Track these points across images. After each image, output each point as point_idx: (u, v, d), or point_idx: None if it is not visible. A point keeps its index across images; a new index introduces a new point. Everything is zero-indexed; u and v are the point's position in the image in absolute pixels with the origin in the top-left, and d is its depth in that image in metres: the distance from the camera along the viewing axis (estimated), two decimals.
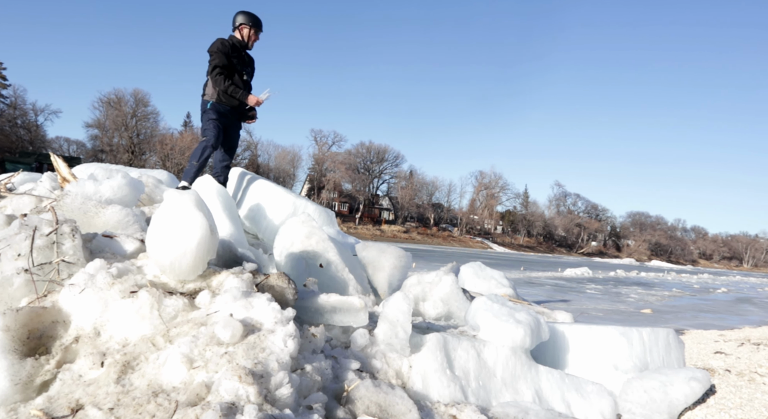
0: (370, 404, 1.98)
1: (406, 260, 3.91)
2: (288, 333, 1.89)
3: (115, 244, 2.51)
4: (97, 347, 1.88)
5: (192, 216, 2.07)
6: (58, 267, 2.21)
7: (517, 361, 2.61)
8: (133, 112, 59.11)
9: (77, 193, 2.98)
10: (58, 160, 4.01)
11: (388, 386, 2.08)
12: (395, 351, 2.38)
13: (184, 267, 2.11)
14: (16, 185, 4.47)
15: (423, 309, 3.59)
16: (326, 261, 3.27)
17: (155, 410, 1.56)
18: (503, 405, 2.39)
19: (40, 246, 2.24)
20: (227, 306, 2.00)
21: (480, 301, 2.85)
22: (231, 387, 1.60)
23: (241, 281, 2.17)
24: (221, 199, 3.93)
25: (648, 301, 10.45)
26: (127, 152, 57.54)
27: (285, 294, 2.28)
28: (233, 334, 1.82)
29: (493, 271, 5.86)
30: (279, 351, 1.82)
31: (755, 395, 2.98)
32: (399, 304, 2.38)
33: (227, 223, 3.75)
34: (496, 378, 2.53)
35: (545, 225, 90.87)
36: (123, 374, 1.75)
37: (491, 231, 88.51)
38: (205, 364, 1.74)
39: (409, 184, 78.00)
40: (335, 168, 71.61)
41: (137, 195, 3.40)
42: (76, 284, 2.05)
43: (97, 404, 1.62)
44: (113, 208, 2.87)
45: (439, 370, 2.36)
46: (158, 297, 1.99)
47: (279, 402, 1.68)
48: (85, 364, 1.82)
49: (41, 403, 1.68)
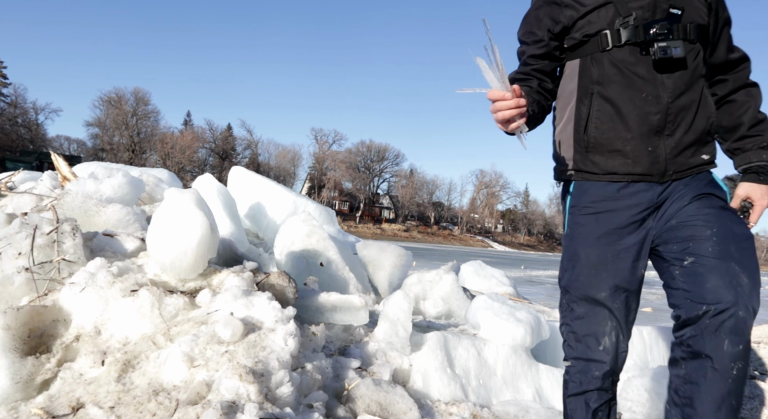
0: (370, 402, 1.98)
1: (406, 259, 3.91)
2: (288, 331, 1.89)
3: (116, 243, 2.51)
4: (97, 346, 1.88)
5: (192, 215, 2.07)
6: (58, 266, 2.22)
7: (517, 360, 2.61)
8: (134, 110, 59.15)
9: (78, 191, 2.98)
10: (59, 158, 4.02)
11: (389, 384, 2.09)
12: (396, 349, 2.38)
13: (185, 265, 2.11)
14: (17, 184, 4.47)
15: (423, 308, 3.59)
16: (327, 260, 3.28)
17: (156, 408, 1.56)
18: (504, 404, 2.39)
19: (41, 245, 2.24)
20: (228, 304, 2.00)
21: (480, 300, 2.85)
22: (231, 385, 1.60)
23: (242, 280, 2.18)
24: (222, 197, 3.93)
25: (648, 300, 10.45)
26: (128, 151, 57.57)
27: (285, 292, 2.28)
28: (234, 333, 1.82)
29: (494, 270, 5.86)
30: (279, 350, 1.82)
31: (755, 393, 2.98)
32: (399, 303, 2.38)
33: (228, 222, 3.75)
34: (496, 377, 2.53)
35: (546, 224, 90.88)
36: (124, 372, 1.75)
37: (492, 229, 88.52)
38: (205, 363, 1.75)
39: (409, 182, 78.02)
40: (336, 166, 71.63)
41: (138, 194, 3.40)
42: (76, 283, 2.05)
43: (98, 402, 1.62)
44: (114, 207, 2.87)
45: (439, 369, 2.36)
46: (159, 296, 2.00)
47: (280, 401, 1.68)
48: (86, 363, 1.82)
49: (42, 402, 1.69)
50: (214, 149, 66.20)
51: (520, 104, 1.30)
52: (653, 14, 1.42)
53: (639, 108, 1.43)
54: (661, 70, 1.41)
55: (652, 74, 1.41)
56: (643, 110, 1.42)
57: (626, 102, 1.44)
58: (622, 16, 1.43)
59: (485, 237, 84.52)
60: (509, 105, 1.30)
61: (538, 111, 1.56)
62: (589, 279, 1.51)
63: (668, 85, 1.41)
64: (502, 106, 1.30)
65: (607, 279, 1.49)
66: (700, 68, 1.45)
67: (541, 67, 1.60)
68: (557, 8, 1.54)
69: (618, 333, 1.52)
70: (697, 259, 1.38)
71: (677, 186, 1.47)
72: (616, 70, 1.44)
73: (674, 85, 1.41)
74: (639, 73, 1.42)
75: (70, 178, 3.85)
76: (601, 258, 1.49)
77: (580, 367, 1.56)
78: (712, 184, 1.48)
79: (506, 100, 1.29)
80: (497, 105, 1.31)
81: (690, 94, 1.43)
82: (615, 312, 1.50)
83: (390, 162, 78.20)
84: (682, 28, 1.40)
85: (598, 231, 1.50)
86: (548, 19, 1.55)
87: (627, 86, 1.43)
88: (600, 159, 1.50)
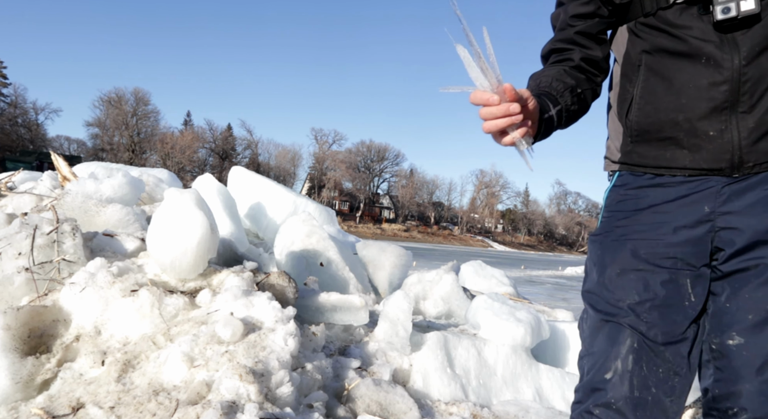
0: (370, 402, 1.98)
1: (406, 259, 3.91)
2: (288, 331, 1.89)
3: (116, 243, 2.51)
4: (97, 346, 1.88)
5: (192, 215, 2.07)
6: (58, 266, 2.22)
7: (517, 360, 2.61)
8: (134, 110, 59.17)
9: (78, 191, 2.98)
10: (59, 158, 4.01)
11: (389, 384, 2.09)
12: (396, 349, 2.38)
13: (185, 265, 2.11)
14: (17, 184, 4.47)
15: (423, 308, 3.59)
16: (327, 260, 3.28)
17: (156, 408, 1.56)
18: (504, 404, 2.39)
19: (41, 245, 2.24)
20: (228, 304, 2.01)
21: (480, 300, 2.85)
22: (231, 385, 1.60)
23: (242, 280, 2.18)
24: (222, 197, 3.93)
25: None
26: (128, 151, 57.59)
27: (285, 292, 2.28)
28: (234, 333, 1.82)
29: (494, 270, 5.85)
30: (279, 350, 1.82)
31: None
32: (399, 303, 2.38)
33: (228, 222, 3.75)
34: (496, 377, 2.53)
35: (546, 224, 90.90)
36: (124, 373, 1.75)
37: (492, 229, 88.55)
38: (205, 363, 1.75)
39: (409, 182, 78.05)
40: (336, 166, 71.64)
41: (138, 194, 3.40)
42: (76, 283, 2.05)
43: (98, 403, 1.62)
44: (114, 207, 2.87)
45: (439, 369, 2.36)
46: (159, 296, 2.00)
47: (280, 401, 1.68)
48: (86, 363, 1.82)
49: (42, 402, 1.69)
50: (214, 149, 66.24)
51: (510, 112, 0.93)
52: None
53: (695, 77, 1.05)
54: (726, 31, 1.03)
55: (714, 34, 1.03)
56: (701, 80, 1.04)
57: (679, 72, 1.07)
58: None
59: (485, 237, 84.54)
60: (494, 113, 0.94)
61: (571, 103, 1.18)
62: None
63: (741, 43, 1.01)
64: (486, 114, 0.95)
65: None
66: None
67: (586, 29, 1.21)
68: None
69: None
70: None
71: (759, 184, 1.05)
72: (667, 34, 1.08)
73: (751, 43, 1.01)
74: (695, 35, 1.05)
75: (70, 178, 3.85)
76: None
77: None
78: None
79: (492, 106, 0.94)
80: (482, 112, 0.96)
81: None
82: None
83: (390, 162, 78.30)
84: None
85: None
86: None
87: (681, 52, 1.07)
88: (647, 150, 1.14)
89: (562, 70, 1.21)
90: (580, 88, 1.21)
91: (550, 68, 1.24)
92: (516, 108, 0.93)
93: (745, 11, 0.98)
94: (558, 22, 1.27)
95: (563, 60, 1.24)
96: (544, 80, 1.20)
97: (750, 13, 0.98)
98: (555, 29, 1.29)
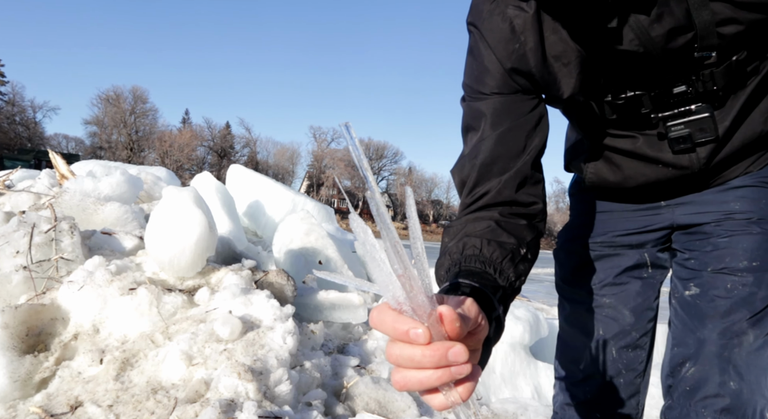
0: (369, 400, 1.98)
1: None
2: (287, 329, 1.89)
3: (114, 241, 2.51)
4: (96, 344, 1.88)
5: (191, 213, 2.07)
6: (56, 265, 2.21)
7: (516, 357, 2.62)
8: (132, 108, 59.03)
9: (76, 190, 2.98)
10: (57, 156, 4.00)
11: (388, 382, 2.09)
12: None
13: (183, 264, 2.11)
14: (15, 182, 4.46)
15: None
16: (325, 258, 3.27)
17: (154, 407, 1.56)
18: (502, 401, 2.40)
19: (39, 244, 2.23)
20: (226, 302, 2.00)
21: None
22: (230, 383, 1.60)
23: (240, 278, 2.17)
24: (220, 195, 3.93)
25: None
26: (126, 149, 57.49)
27: (284, 291, 2.28)
28: (232, 331, 1.82)
29: None
30: (278, 348, 1.82)
31: None
32: None
33: (226, 220, 3.75)
34: (495, 374, 2.53)
35: None
36: (122, 371, 1.75)
37: None
38: (204, 361, 1.75)
39: (408, 180, 78.06)
40: (334, 165, 71.64)
41: (136, 192, 3.40)
42: (74, 281, 2.05)
43: (97, 401, 1.62)
44: (112, 205, 2.87)
45: None
46: (157, 294, 1.99)
47: (278, 399, 1.68)
48: (84, 361, 1.82)
49: (40, 400, 1.68)
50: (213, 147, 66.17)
51: (450, 361, 0.46)
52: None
53: (646, 171, 1.08)
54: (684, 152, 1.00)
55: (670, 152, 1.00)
56: (651, 175, 1.07)
57: (628, 163, 1.08)
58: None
59: None
60: (421, 362, 0.46)
61: (515, 278, 0.80)
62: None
63: (701, 152, 1.00)
64: (406, 361, 0.47)
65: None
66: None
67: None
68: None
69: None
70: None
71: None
72: (621, 138, 1.06)
73: (710, 151, 0.99)
74: (650, 147, 1.04)
75: (68, 177, 3.84)
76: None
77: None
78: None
79: (416, 347, 0.46)
80: (396, 356, 0.47)
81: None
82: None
83: (389, 160, 78.28)
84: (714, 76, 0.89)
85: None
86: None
87: (634, 154, 1.06)
88: (599, 193, 1.21)
89: (493, 223, 0.86)
90: (523, 247, 0.85)
91: (476, 221, 0.89)
92: (460, 354, 0.46)
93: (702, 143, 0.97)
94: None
95: (487, 205, 0.92)
96: (469, 245, 0.82)
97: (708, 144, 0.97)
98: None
